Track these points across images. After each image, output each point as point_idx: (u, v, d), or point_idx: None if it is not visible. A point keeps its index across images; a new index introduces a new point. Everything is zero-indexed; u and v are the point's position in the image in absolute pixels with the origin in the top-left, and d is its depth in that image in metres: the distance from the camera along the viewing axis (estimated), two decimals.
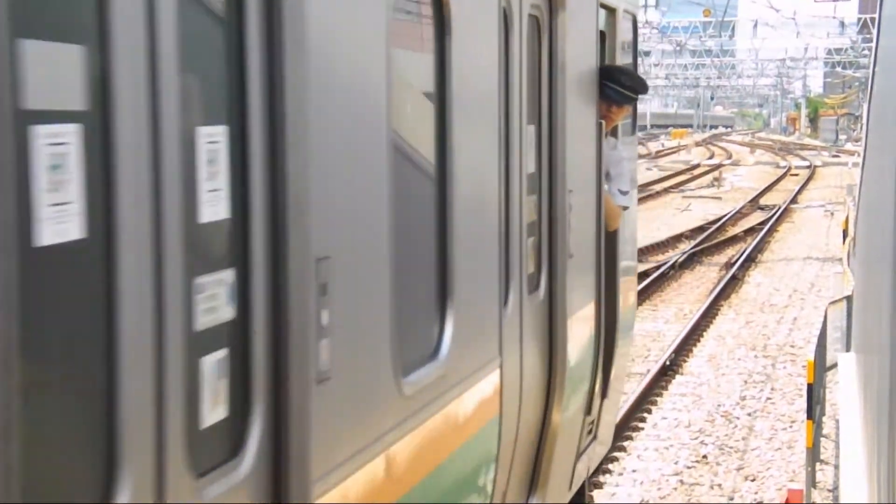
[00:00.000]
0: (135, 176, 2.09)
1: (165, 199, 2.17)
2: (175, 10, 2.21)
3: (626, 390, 12.64)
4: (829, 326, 10.83)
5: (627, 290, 7.30)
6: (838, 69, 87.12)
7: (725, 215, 32.48)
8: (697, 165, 62.11)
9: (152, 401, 2.15)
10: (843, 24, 77.33)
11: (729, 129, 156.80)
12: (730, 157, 74.31)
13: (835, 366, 11.10)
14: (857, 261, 11.21)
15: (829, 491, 9.20)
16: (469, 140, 4.10)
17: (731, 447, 10.55)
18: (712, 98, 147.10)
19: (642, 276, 20.77)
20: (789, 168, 58.73)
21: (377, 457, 3.24)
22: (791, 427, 11.16)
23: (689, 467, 9.93)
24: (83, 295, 2.04)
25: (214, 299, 2.43)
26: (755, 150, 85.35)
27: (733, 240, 27.22)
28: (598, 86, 6.08)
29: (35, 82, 1.84)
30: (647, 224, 31.63)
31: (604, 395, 6.44)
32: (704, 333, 16.04)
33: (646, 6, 62.45)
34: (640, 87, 6.49)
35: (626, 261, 7.25)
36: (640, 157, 73.78)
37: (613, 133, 6.62)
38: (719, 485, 9.51)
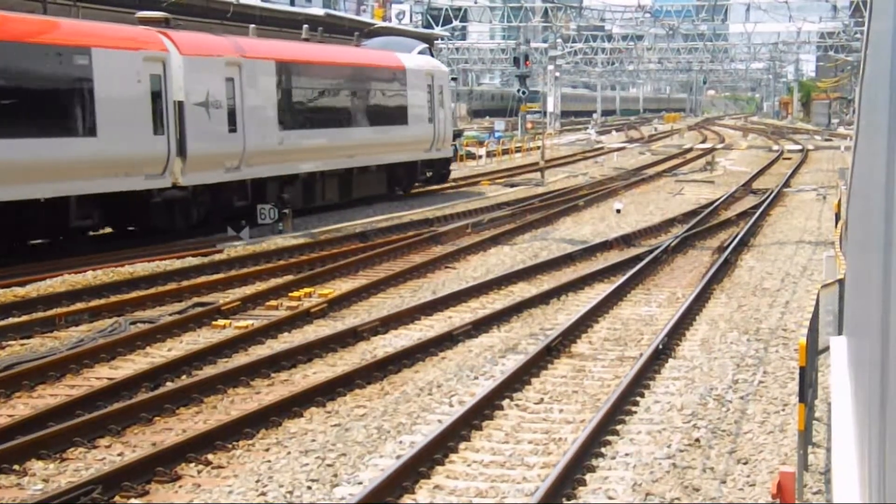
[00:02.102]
0: None
1: None
2: None
3: (619, 374, 12.70)
4: (821, 310, 10.84)
5: None
6: (831, 53, 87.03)
7: (718, 199, 32.50)
8: (690, 149, 62.10)
9: None
10: (835, 8, 77.26)
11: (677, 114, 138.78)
12: (722, 141, 74.33)
13: (827, 349, 11.10)
14: (849, 244, 11.22)
15: (822, 473, 9.24)
16: None
17: (723, 430, 10.58)
18: (705, 82, 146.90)
19: (635, 260, 20.83)
20: (782, 152, 58.75)
21: None
22: (783, 410, 11.20)
23: (681, 451, 9.96)
24: None
25: None
26: (748, 133, 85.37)
27: (726, 224, 27.25)
28: None
29: None
30: (641, 208, 31.63)
31: None
32: (697, 317, 16.07)
33: None
34: None
35: None
36: (633, 140, 73.88)
37: None
38: (712, 468, 9.53)
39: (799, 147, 62.66)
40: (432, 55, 36.57)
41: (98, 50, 21.25)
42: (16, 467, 9.59)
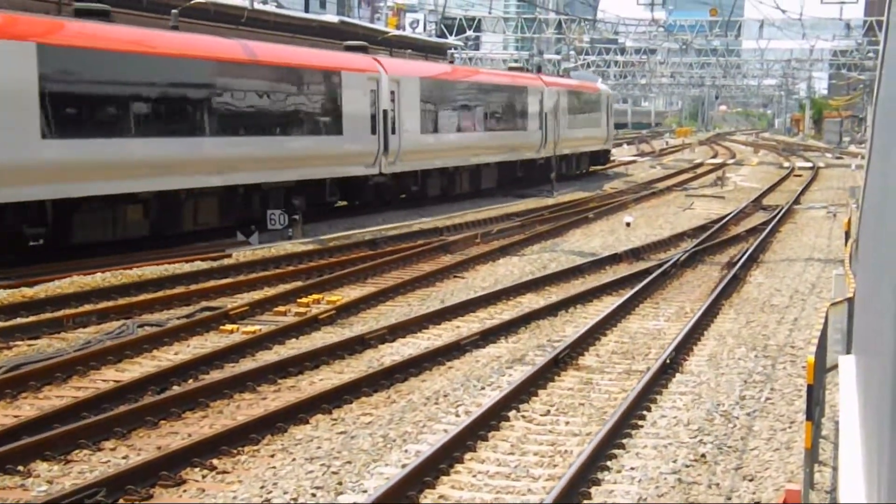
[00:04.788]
0: None
1: None
2: None
3: (626, 388, 12.67)
4: (829, 328, 10.80)
5: None
6: (843, 71, 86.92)
7: (728, 215, 32.45)
8: (701, 164, 62.04)
9: None
10: (848, 27, 77.13)
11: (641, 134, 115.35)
12: (733, 156, 74.26)
13: (835, 367, 11.08)
14: (859, 263, 11.20)
15: (828, 492, 9.20)
16: None
17: (729, 447, 10.55)
18: (717, 97, 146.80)
19: (644, 273, 20.80)
20: (792, 169, 58.67)
21: None
22: (790, 428, 11.16)
23: (687, 466, 9.93)
24: None
25: None
26: (759, 150, 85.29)
27: (735, 239, 27.20)
28: None
29: None
30: (650, 222, 31.59)
31: None
32: (705, 332, 16.03)
33: (652, 4, 62.31)
34: None
35: None
36: (644, 154, 73.82)
37: None
38: (717, 484, 9.50)
39: (810, 164, 62.56)
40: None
41: (530, 87, 43.88)
42: (20, 468, 9.60)
